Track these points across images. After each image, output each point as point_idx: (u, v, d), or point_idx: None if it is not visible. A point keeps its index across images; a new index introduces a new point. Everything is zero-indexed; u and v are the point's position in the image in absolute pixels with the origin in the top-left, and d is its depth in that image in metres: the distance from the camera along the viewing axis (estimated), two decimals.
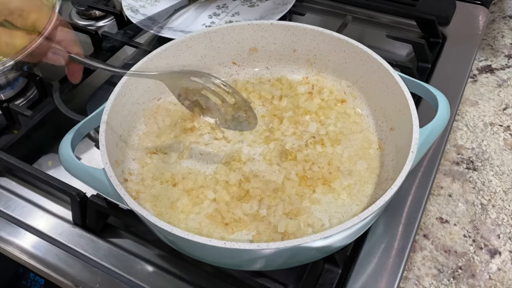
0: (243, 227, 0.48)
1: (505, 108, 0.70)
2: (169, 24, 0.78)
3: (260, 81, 0.64)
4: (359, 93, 0.60)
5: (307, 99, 0.61)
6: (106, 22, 0.88)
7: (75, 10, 0.89)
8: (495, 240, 0.55)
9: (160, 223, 0.40)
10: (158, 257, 0.51)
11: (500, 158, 0.63)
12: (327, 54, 0.61)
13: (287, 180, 0.52)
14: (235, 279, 0.48)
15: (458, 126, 0.67)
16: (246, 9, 0.83)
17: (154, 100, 0.60)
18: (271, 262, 0.44)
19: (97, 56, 0.77)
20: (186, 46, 0.60)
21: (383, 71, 0.54)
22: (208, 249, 0.40)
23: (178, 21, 0.80)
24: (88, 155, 0.64)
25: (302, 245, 0.38)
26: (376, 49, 0.57)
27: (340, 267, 0.48)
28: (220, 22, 0.81)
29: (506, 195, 0.59)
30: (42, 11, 0.58)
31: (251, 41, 0.63)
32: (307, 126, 0.58)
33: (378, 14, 0.84)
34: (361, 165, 0.53)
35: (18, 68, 0.62)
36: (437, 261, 0.53)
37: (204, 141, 0.58)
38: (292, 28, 0.61)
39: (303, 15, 0.81)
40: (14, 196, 0.58)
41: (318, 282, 0.47)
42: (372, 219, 0.46)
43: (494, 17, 0.88)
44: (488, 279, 0.51)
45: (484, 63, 0.78)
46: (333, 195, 0.51)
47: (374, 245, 0.50)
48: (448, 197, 0.59)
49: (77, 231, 0.54)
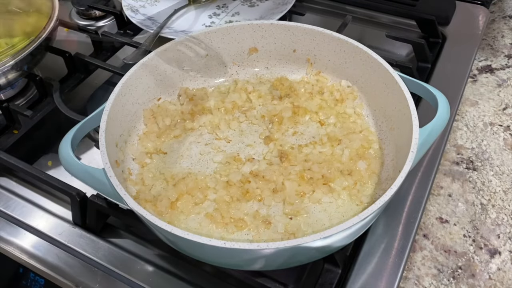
0: (243, 227, 0.48)
1: (505, 108, 0.70)
2: (169, 24, 0.78)
3: (260, 81, 0.64)
4: (359, 93, 0.60)
5: (307, 99, 0.61)
6: (106, 22, 0.88)
7: (75, 10, 0.89)
8: (495, 240, 0.55)
9: (160, 223, 0.40)
10: (158, 257, 0.51)
11: (500, 158, 0.63)
12: (327, 54, 0.61)
13: (287, 180, 0.52)
14: (235, 279, 0.48)
15: (458, 126, 0.67)
16: (246, 9, 0.83)
17: (154, 100, 0.60)
18: (271, 262, 0.44)
19: (97, 56, 0.77)
20: (186, 46, 0.60)
21: (383, 71, 0.54)
22: (208, 249, 0.40)
23: (178, 21, 0.80)
24: (88, 155, 0.64)
25: (302, 245, 0.38)
26: (376, 49, 0.57)
27: (340, 267, 0.48)
28: (220, 22, 0.81)
29: (506, 195, 0.59)
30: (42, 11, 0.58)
31: (251, 41, 0.63)
32: (307, 126, 0.58)
33: (378, 14, 0.84)
34: (361, 165, 0.53)
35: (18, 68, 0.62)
36: (437, 261, 0.53)
37: (204, 141, 0.58)
38: (292, 28, 0.61)
39: (303, 15, 0.81)
40: (14, 196, 0.58)
41: (318, 282, 0.47)
42: (372, 219, 0.46)
43: (494, 17, 0.88)
44: (488, 279, 0.52)
45: (484, 63, 0.78)
46: (333, 195, 0.51)
47: (374, 245, 0.50)
48: (448, 197, 0.59)
49: (77, 231, 0.54)
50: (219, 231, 0.48)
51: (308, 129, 0.58)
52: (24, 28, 0.63)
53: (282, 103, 0.61)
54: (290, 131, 0.58)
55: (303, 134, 0.58)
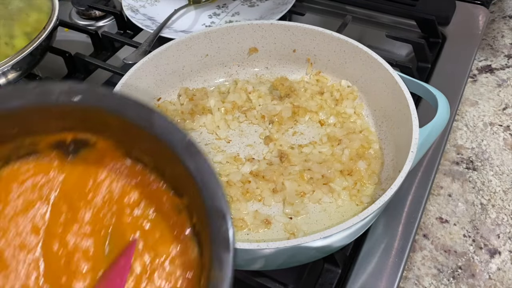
0: (243, 227, 0.48)
1: (505, 108, 0.70)
2: (169, 24, 0.78)
3: (260, 81, 0.64)
4: (359, 93, 0.60)
5: (307, 99, 0.61)
6: (106, 22, 0.88)
7: (75, 10, 0.89)
8: (495, 240, 0.55)
9: None
10: None
11: (500, 158, 0.63)
12: (327, 54, 0.61)
13: (287, 180, 0.52)
14: (235, 279, 0.48)
15: (458, 126, 0.67)
16: (246, 9, 0.83)
17: (154, 100, 0.60)
18: (271, 262, 0.44)
19: (97, 56, 0.77)
20: (186, 46, 0.60)
21: (383, 71, 0.54)
22: None
23: (178, 21, 0.80)
24: None
25: (302, 245, 0.39)
26: (376, 49, 0.57)
27: (340, 267, 0.48)
28: (220, 22, 0.81)
29: (506, 195, 0.59)
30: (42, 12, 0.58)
31: (251, 41, 0.63)
32: (307, 126, 0.59)
33: (378, 14, 0.84)
34: (361, 165, 0.53)
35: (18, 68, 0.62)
36: (437, 261, 0.53)
37: (204, 141, 0.58)
38: (292, 28, 0.61)
39: (303, 15, 0.81)
40: None
41: (318, 282, 0.47)
42: (372, 219, 0.46)
43: (494, 17, 0.88)
44: (488, 279, 0.52)
45: (484, 63, 0.78)
46: (333, 195, 0.51)
47: (374, 245, 0.50)
48: (448, 197, 0.59)
49: None
50: None
51: (308, 129, 0.58)
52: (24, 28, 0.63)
53: (282, 103, 0.61)
54: (290, 131, 0.58)
55: (303, 134, 0.58)
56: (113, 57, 0.78)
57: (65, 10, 0.89)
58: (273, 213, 0.49)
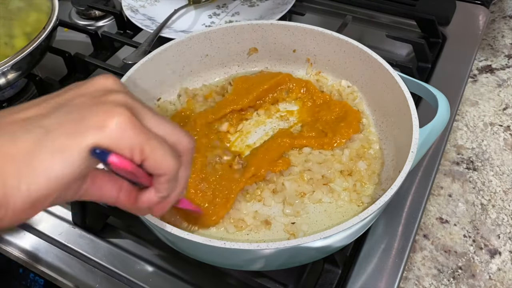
0: (243, 227, 0.48)
1: (505, 108, 0.70)
2: (169, 24, 0.78)
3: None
4: (359, 93, 0.60)
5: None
6: (106, 22, 0.88)
7: (75, 10, 0.89)
8: (495, 240, 0.55)
9: (160, 223, 0.40)
10: (158, 257, 0.51)
11: (500, 158, 0.63)
12: (327, 54, 0.61)
13: (287, 180, 0.52)
14: (235, 279, 0.48)
15: (458, 126, 0.67)
16: (246, 9, 0.83)
17: (154, 100, 0.60)
18: (271, 262, 0.44)
19: (97, 56, 0.77)
20: (186, 46, 0.60)
21: (383, 71, 0.54)
22: (208, 249, 0.40)
23: (178, 21, 0.80)
24: None
25: (302, 245, 0.38)
26: (376, 49, 0.57)
27: (340, 267, 0.48)
28: (220, 22, 0.81)
29: (506, 195, 0.59)
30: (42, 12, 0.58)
31: (251, 41, 0.63)
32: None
33: (378, 14, 0.84)
34: (361, 165, 0.53)
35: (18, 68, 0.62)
36: (437, 261, 0.53)
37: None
38: (292, 28, 0.61)
39: (303, 15, 0.81)
40: None
41: (318, 282, 0.47)
42: (372, 219, 0.46)
43: (494, 17, 0.88)
44: (488, 279, 0.52)
45: (484, 63, 0.78)
46: (333, 195, 0.51)
47: (374, 245, 0.50)
48: (448, 197, 0.59)
49: (77, 231, 0.54)
50: (219, 232, 0.48)
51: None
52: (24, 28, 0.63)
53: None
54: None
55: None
56: (113, 57, 0.78)
57: (65, 10, 0.89)
58: (273, 213, 0.49)
